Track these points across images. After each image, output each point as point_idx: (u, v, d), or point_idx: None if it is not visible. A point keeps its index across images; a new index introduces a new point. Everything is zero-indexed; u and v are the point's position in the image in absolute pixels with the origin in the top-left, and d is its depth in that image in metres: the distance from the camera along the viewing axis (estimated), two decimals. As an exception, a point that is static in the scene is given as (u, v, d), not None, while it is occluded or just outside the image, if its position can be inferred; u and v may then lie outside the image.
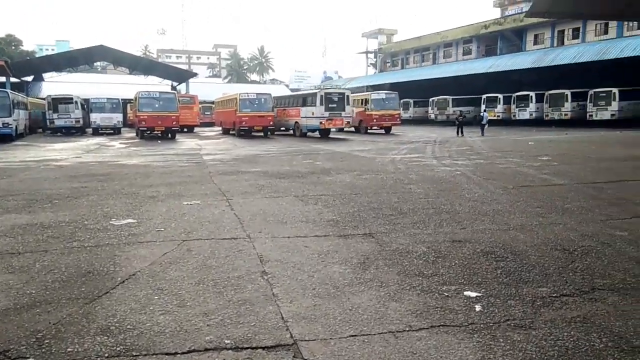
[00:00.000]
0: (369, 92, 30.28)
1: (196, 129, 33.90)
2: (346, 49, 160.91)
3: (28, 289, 3.44)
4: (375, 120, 28.22)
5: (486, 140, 19.75)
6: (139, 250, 4.35)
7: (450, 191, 7.39)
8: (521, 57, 38.40)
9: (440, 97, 40.26)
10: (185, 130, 31.14)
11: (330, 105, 24.96)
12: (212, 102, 39.68)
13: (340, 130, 32.51)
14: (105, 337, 2.70)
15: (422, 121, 41.96)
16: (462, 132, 23.50)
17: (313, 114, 24.95)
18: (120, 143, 21.93)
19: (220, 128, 31.94)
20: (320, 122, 24.65)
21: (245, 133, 25.40)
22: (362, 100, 29.71)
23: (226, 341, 2.67)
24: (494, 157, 12.83)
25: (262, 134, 25.79)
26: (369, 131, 28.91)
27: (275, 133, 26.82)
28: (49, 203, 6.77)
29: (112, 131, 29.63)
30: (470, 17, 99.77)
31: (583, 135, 21.61)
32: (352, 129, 31.84)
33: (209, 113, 39.69)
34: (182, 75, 45.33)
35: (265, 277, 3.71)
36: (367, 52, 66.39)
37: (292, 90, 55.25)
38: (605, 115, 28.15)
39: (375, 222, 5.41)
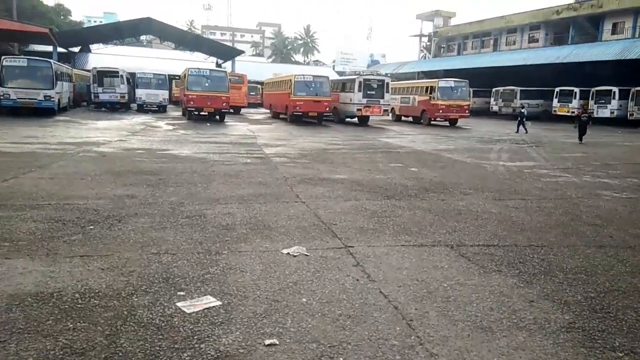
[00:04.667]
0: (436, 80, 27.13)
1: (242, 110, 31.73)
2: (394, 31, 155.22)
3: None
4: (441, 111, 25.23)
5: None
6: None
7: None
8: (602, 47, 34.19)
9: (507, 87, 36.42)
10: (232, 111, 29.05)
11: (368, 92, 23.36)
12: (257, 82, 37.55)
13: (398, 119, 29.90)
14: None
15: (482, 113, 38.11)
16: (582, 136, 17.23)
17: (351, 100, 23.48)
18: (167, 124, 20.03)
19: (268, 111, 29.66)
20: (358, 109, 23.22)
21: (297, 119, 23.08)
22: (426, 87, 26.75)
23: None
24: (642, 174, 9.88)
25: (315, 120, 23.39)
26: (432, 123, 25.96)
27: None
28: (80, 232, 4.58)
29: (157, 108, 27.84)
30: (538, 1, 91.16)
31: None
32: (410, 118, 29.10)
33: (254, 93, 37.72)
34: (229, 53, 43.19)
35: None
36: (420, 35, 62.36)
37: (338, 73, 52.37)
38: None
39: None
